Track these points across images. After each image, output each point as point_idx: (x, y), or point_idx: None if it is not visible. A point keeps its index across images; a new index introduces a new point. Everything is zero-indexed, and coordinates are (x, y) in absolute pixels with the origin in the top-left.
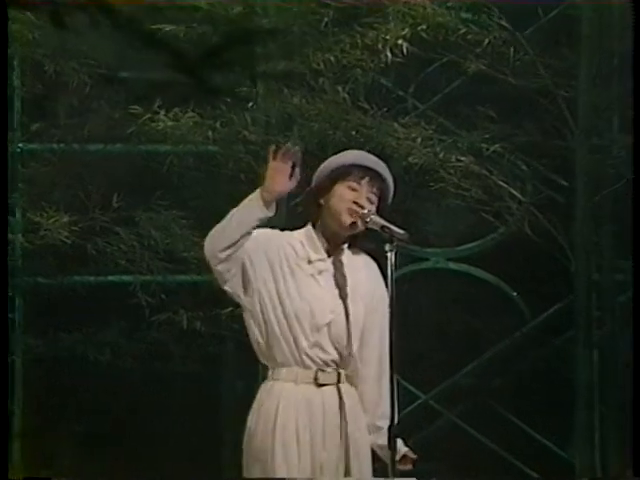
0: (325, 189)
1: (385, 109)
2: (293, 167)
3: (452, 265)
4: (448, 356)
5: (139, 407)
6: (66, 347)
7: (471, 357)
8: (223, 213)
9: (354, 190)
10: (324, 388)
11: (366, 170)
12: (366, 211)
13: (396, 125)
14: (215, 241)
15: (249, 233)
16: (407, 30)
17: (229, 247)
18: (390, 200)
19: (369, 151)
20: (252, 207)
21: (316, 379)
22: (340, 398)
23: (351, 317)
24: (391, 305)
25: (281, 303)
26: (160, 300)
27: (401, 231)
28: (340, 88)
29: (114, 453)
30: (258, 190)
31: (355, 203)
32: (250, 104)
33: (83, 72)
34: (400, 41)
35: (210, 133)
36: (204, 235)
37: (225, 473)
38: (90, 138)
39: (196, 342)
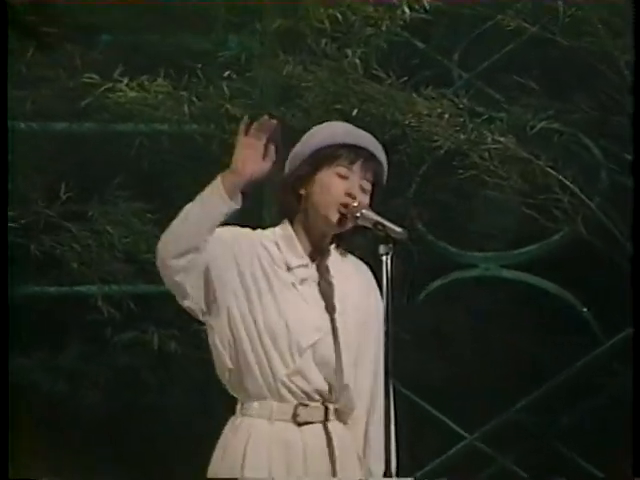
0: (306, 176)
1: (405, 78)
2: (267, 145)
3: (506, 273)
4: (500, 386)
5: (106, 449)
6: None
7: (529, 387)
8: None
9: (344, 178)
10: (305, 427)
11: (358, 150)
12: (356, 204)
13: (416, 97)
14: (169, 246)
15: (211, 233)
16: None
17: (187, 253)
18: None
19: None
20: (213, 199)
21: (295, 416)
22: (328, 439)
23: (341, 336)
24: (386, 321)
25: (254, 321)
26: (126, 314)
27: (398, 229)
28: (349, 52)
29: None
30: (219, 177)
31: (348, 195)
32: (227, 73)
33: None
34: None
35: (186, 108)
36: None
37: None
38: (36, 113)
39: (171, 367)
